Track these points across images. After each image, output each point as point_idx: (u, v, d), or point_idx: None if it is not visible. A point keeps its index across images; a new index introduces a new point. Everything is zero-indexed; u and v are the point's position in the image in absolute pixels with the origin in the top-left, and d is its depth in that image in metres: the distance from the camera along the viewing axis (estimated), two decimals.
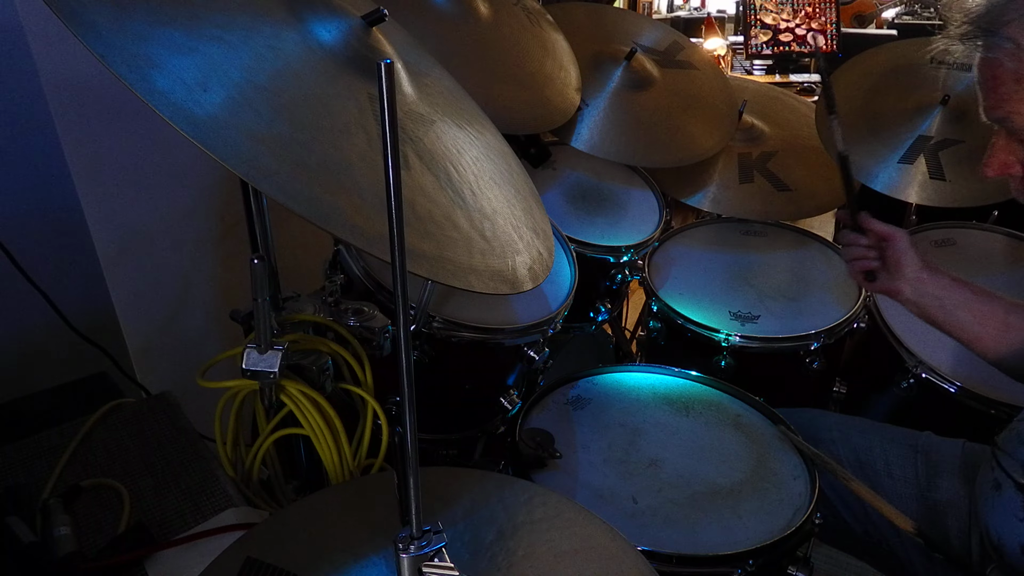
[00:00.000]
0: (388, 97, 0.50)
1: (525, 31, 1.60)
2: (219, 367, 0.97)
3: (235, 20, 0.72)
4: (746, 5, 3.37)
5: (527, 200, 1.04)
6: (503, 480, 0.83)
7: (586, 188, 1.75)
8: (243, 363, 0.88)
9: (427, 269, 0.75)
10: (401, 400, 0.60)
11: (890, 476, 1.19)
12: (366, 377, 1.02)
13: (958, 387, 1.35)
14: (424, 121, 0.89)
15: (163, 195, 1.46)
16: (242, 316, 0.98)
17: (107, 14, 0.62)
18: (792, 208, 1.74)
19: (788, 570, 0.99)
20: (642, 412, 1.21)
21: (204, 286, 1.59)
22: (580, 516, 0.78)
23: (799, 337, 1.45)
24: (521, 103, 1.47)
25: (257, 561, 0.70)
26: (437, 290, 1.15)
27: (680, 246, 1.75)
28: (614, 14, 2.07)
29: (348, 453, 0.96)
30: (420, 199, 0.79)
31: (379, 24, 0.85)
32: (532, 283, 0.91)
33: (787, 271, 1.67)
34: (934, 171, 1.57)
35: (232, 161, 0.63)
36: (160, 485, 0.94)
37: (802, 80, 3.23)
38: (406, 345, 0.59)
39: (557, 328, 1.29)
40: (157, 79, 0.62)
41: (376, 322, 1.04)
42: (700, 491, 1.05)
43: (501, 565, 0.72)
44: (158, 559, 0.83)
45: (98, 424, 1.03)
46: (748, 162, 1.78)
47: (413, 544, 0.64)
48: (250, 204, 0.95)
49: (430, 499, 0.75)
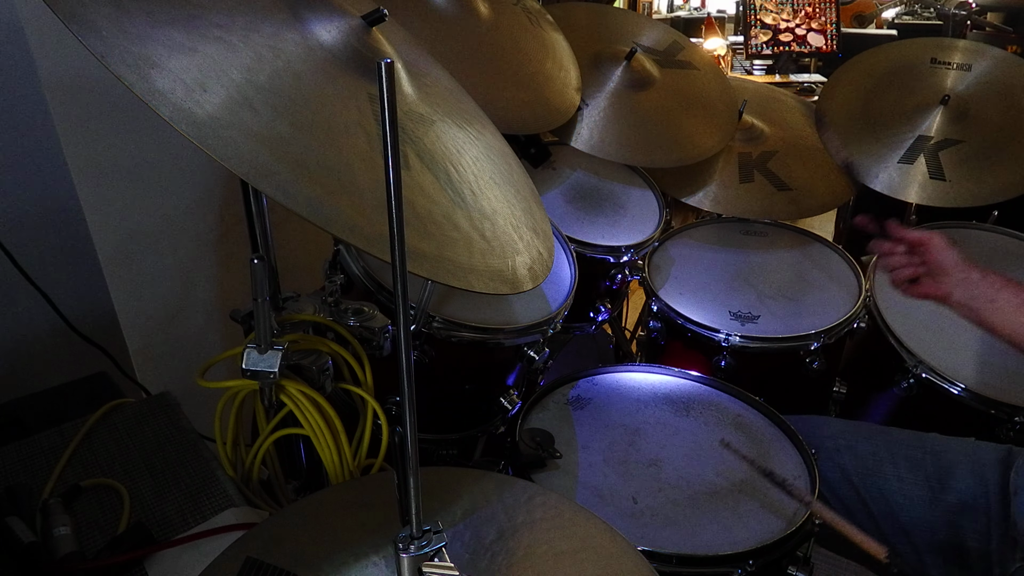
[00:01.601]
0: (388, 97, 0.50)
1: (525, 31, 1.60)
2: (219, 367, 0.97)
3: (235, 20, 0.72)
4: (746, 5, 3.37)
5: (527, 200, 1.04)
6: (503, 480, 0.83)
7: (586, 188, 1.75)
8: (243, 363, 0.88)
9: (427, 269, 0.75)
10: (401, 400, 0.60)
11: (900, 480, 1.17)
12: (366, 377, 1.02)
13: (959, 387, 1.35)
14: (424, 121, 0.89)
15: (163, 195, 1.46)
16: (242, 316, 0.98)
17: (107, 14, 0.62)
18: (792, 208, 1.74)
19: (788, 570, 0.99)
20: (642, 412, 1.21)
21: (204, 286, 1.59)
22: (580, 516, 0.78)
23: (799, 337, 1.45)
24: (521, 103, 1.47)
25: (257, 561, 0.70)
26: (437, 290, 1.15)
27: (680, 246, 1.75)
28: (614, 14, 2.07)
29: (348, 453, 0.96)
30: (420, 199, 0.79)
31: (379, 24, 0.85)
32: (532, 283, 0.91)
33: (787, 271, 1.67)
34: (934, 171, 1.57)
35: (232, 161, 0.63)
36: (160, 485, 0.94)
37: (802, 80, 3.23)
38: (406, 345, 0.59)
39: (557, 328, 1.29)
40: (157, 79, 0.62)
41: (376, 322, 1.04)
42: (700, 491, 1.05)
43: (501, 565, 0.72)
44: (158, 559, 0.83)
45: (98, 424, 1.03)
46: (748, 162, 1.78)
47: (413, 544, 0.64)
48: (250, 204, 0.95)
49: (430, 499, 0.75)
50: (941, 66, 1.73)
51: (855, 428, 1.28)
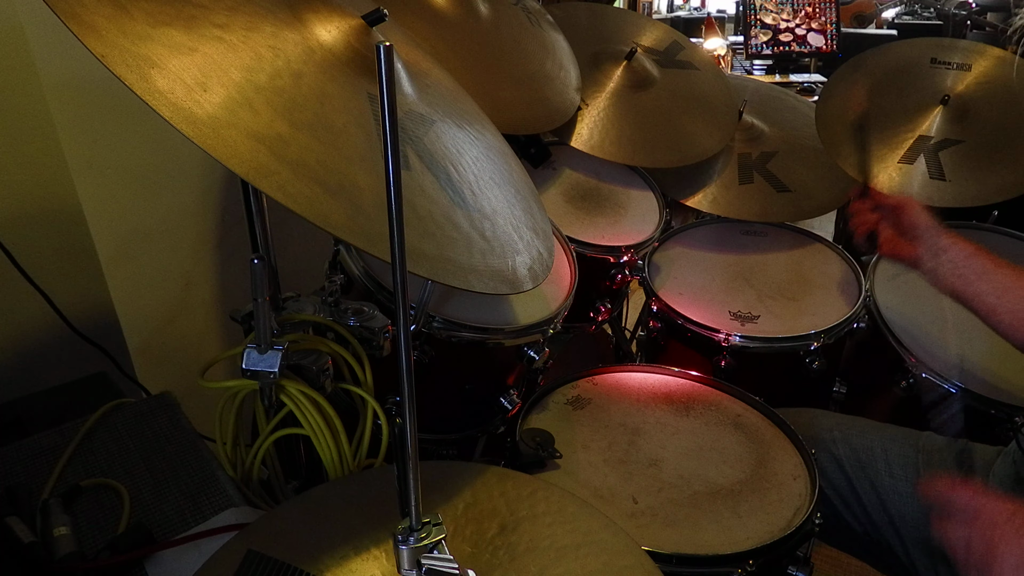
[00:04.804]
0: (387, 81, 0.50)
1: (525, 31, 1.60)
2: (219, 367, 0.97)
3: (235, 20, 0.72)
4: (746, 5, 3.37)
5: (527, 200, 1.04)
6: (505, 474, 0.83)
7: (586, 188, 1.75)
8: (243, 363, 0.88)
9: (427, 269, 0.75)
10: (401, 400, 0.60)
11: (891, 476, 1.19)
12: (366, 377, 1.02)
13: (959, 387, 1.35)
14: (424, 121, 0.89)
15: (163, 195, 1.46)
16: (242, 316, 0.98)
17: (107, 14, 0.62)
18: (792, 208, 1.74)
19: (788, 570, 0.99)
20: (642, 412, 1.21)
21: (204, 286, 1.59)
22: (583, 511, 0.79)
23: (799, 337, 1.45)
24: (521, 103, 1.47)
25: (258, 554, 0.70)
26: (437, 290, 1.15)
27: (680, 246, 1.75)
28: (614, 14, 2.07)
29: (348, 453, 0.96)
30: (420, 199, 0.79)
31: (379, 24, 0.85)
32: (532, 283, 0.91)
33: (787, 271, 1.67)
34: (934, 171, 1.57)
35: (232, 161, 0.63)
36: (160, 485, 0.93)
37: (802, 80, 3.23)
38: (406, 345, 0.59)
39: (557, 328, 1.29)
40: (157, 79, 0.62)
41: (376, 322, 1.04)
42: (700, 491, 1.05)
43: (503, 559, 0.72)
44: (158, 559, 0.83)
45: (98, 424, 1.02)
46: (748, 162, 1.78)
47: (412, 536, 0.64)
48: (250, 204, 0.95)
49: (432, 492, 0.75)
50: (941, 66, 1.73)
51: (851, 422, 1.29)
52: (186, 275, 1.55)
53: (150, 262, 1.47)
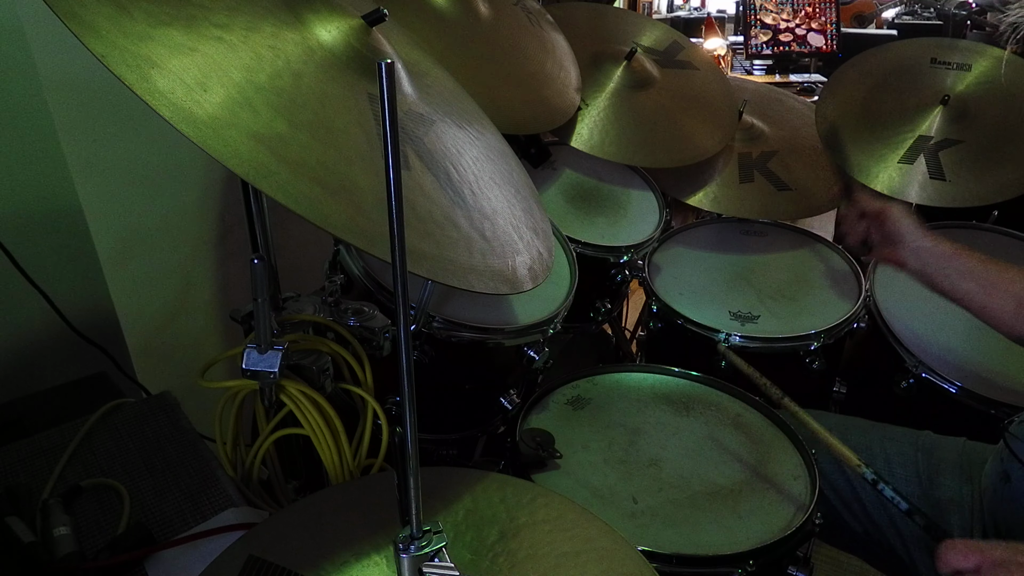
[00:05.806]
0: (388, 97, 0.50)
1: (525, 31, 1.60)
2: (219, 367, 0.97)
3: (235, 20, 0.72)
4: (746, 5, 3.37)
5: (527, 200, 1.04)
6: (505, 480, 0.83)
7: (586, 188, 1.75)
8: (243, 363, 0.88)
9: (427, 269, 0.75)
10: (401, 400, 0.60)
11: (891, 475, 1.19)
12: (366, 377, 1.02)
13: (958, 387, 1.35)
14: (424, 121, 0.89)
15: (163, 195, 1.46)
16: (242, 316, 0.98)
17: (107, 14, 0.62)
18: (792, 208, 1.74)
19: (788, 570, 0.99)
20: (642, 412, 1.21)
21: (204, 286, 1.59)
22: (583, 518, 0.78)
23: (799, 337, 1.45)
24: (521, 103, 1.47)
25: (259, 559, 0.70)
26: (437, 290, 1.15)
27: (680, 246, 1.75)
28: (614, 14, 2.07)
29: (348, 453, 0.96)
30: (420, 199, 0.79)
31: (379, 24, 0.85)
32: (532, 283, 0.91)
33: (787, 271, 1.67)
34: (934, 171, 1.57)
35: (232, 161, 0.63)
36: (160, 485, 0.94)
37: (802, 80, 3.23)
38: (406, 345, 0.59)
39: (557, 328, 1.29)
40: (157, 79, 0.62)
41: (376, 322, 1.04)
42: (700, 491, 1.05)
43: (503, 566, 0.72)
44: (158, 559, 0.83)
45: (98, 424, 1.03)
46: (748, 162, 1.78)
47: (413, 544, 0.64)
48: (250, 204, 0.95)
49: (432, 499, 0.75)
50: (941, 66, 1.73)
51: (850, 421, 1.29)
52: (186, 275, 1.55)
53: (150, 262, 1.47)
